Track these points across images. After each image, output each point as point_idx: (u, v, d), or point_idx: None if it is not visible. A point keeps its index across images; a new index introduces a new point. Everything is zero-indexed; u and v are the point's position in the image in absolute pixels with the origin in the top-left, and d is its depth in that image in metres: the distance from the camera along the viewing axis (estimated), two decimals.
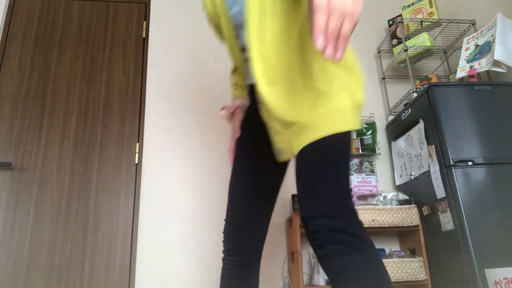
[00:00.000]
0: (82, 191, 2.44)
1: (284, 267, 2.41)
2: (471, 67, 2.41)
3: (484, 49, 2.41)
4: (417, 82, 2.65)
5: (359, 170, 2.69)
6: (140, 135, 2.59)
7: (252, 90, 1.29)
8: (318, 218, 0.92)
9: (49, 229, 2.34)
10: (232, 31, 1.17)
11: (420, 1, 2.84)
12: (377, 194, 2.39)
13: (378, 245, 2.52)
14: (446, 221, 2.08)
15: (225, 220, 1.25)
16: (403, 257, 2.30)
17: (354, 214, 0.93)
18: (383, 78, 2.96)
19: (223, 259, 1.25)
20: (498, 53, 2.24)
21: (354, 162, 2.71)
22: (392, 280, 2.13)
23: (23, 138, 2.50)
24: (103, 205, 2.43)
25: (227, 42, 1.21)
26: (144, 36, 2.87)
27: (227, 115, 1.36)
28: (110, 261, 2.33)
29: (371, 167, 2.71)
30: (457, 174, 2.04)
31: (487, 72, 2.46)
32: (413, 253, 2.36)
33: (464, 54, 2.53)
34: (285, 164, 1.29)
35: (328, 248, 0.89)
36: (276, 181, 1.28)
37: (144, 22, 2.91)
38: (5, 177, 2.41)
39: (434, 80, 2.57)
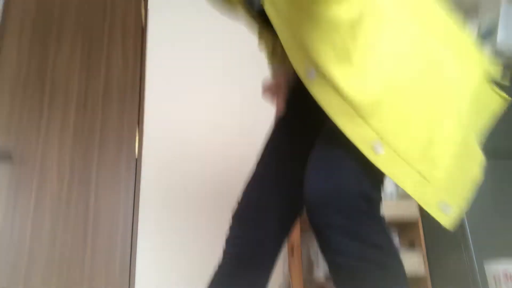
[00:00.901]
0: (82, 185, 2.43)
1: (283, 262, 2.42)
2: None
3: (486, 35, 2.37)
4: None
5: None
6: (140, 127, 2.57)
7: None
8: (326, 208, 0.68)
9: (49, 225, 2.33)
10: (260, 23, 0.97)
11: None
12: None
13: None
14: None
15: (237, 202, 0.98)
16: (402, 251, 2.31)
17: (377, 212, 0.72)
18: None
19: (223, 253, 1.02)
20: (501, 38, 2.21)
21: None
22: None
23: (22, 131, 2.48)
24: (103, 200, 2.42)
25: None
26: (143, 25, 2.83)
27: (271, 98, 1.10)
28: (110, 260, 2.33)
29: None
30: None
31: None
32: (412, 246, 2.36)
33: None
34: None
35: (338, 254, 0.69)
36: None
37: (143, 11, 2.87)
38: (4, 170, 2.40)
39: None
